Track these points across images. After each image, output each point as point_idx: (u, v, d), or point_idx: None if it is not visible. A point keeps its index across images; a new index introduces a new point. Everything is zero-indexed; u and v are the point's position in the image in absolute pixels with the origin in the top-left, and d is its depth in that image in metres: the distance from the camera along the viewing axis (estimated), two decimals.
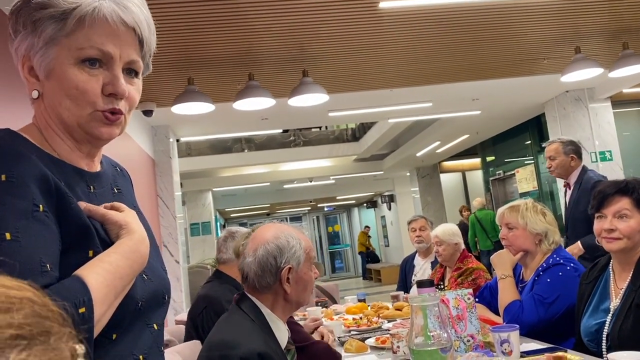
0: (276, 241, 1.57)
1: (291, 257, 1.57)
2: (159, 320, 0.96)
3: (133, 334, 0.89)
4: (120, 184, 1.06)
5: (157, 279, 0.96)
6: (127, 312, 0.86)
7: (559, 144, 3.72)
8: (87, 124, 0.91)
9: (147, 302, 0.91)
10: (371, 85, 5.25)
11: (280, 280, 1.56)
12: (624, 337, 1.79)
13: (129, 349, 0.88)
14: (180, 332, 2.71)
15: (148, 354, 0.91)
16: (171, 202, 5.95)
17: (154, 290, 0.94)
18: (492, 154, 10.07)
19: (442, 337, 1.84)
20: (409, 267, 4.16)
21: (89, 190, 0.95)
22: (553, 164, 3.70)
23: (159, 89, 4.65)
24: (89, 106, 0.89)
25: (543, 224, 2.42)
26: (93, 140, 0.94)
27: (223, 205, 15.17)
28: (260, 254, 1.55)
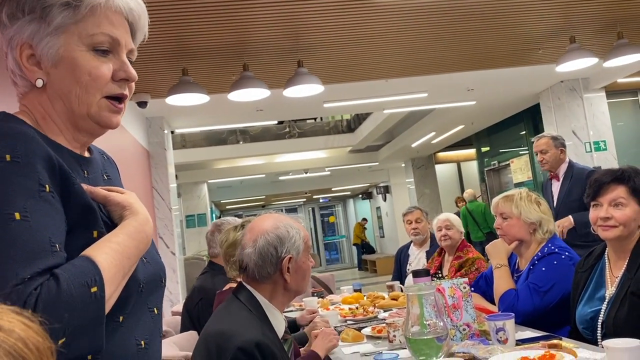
0: (276, 231, 1.58)
1: (291, 247, 1.58)
2: (158, 304, 0.97)
3: (136, 318, 0.89)
4: (109, 171, 1.07)
5: (154, 262, 0.97)
6: (132, 293, 0.87)
7: (549, 139, 3.90)
8: (97, 113, 0.92)
9: (147, 284, 0.92)
10: (366, 76, 5.23)
11: (281, 270, 1.56)
12: (619, 324, 1.81)
13: (132, 334, 0.88)
14: (177, 323, 2.72)
15: (149, 339, 0.92)
16: (166, 193, 5.94)
17: (152, 273, 0.95)
18: (487, 144, 10.08)
19: (438, 325, 1.85)
20: (403, 257, 4.17)
21: (84, 174, 0.95)
22: (545, 157, 3.88)
23: (153, 80, 4.62)
24: (99, 93, 0.91)
25: (537, 213, 2.44)
26: (99, 129, 0.95)
27: (218, 197, 15.16)
28: (261, 244, 1.55)
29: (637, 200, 1.90)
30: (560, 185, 3.84)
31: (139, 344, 0.89)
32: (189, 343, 2.09)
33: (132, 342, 0.88)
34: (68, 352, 0.72)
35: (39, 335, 0.58)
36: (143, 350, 0.89)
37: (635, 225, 1.90)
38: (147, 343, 0.90)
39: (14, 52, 0.89)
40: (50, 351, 0.59)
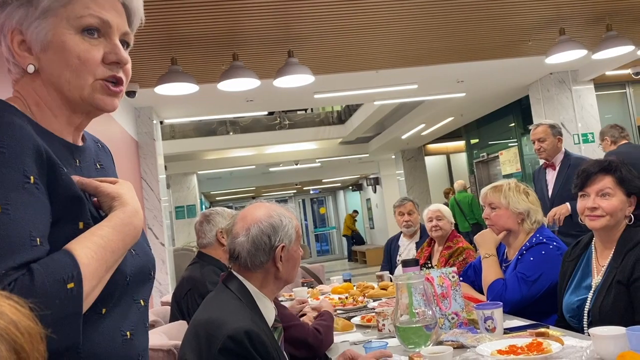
0: (270, 220, 1.57)
1: (284, 236, 1.58)
2: (145, 296, 0.96)
3: (121, 309, 0.89)
4: (102, 159, 1.05)
5: (143, 254, 0.96)
6: (117, 286, 0.86)
7: (547, 127, 3.86)
8: (90, 95, 0.90)
9: (134, 277, 0.91)
10: (357, 67, 5.22)
11: (274, 258, 1.56)
12: (605, 313, 1.83)
13: (117, 325, 0.88)
14: (166, 313, 2.71)
15: (135, 330, 0.91)
16: (155, 184, 5.91)
17: (141, 265, 0.94)
18: (476, 136, 10.13)
19: (427, 314, 1.86)
20: (393, 247, 4.19)
21: (75, 163, 0.94)
22: (543, 145, 3.83)
23: (142, 70, 4.58)
24: (90, 76, 0.89)
25: (525, 204, 2.46)
26: (95, 112, 0.94)
27: (208, 189, 15.11)
28: (254, 232, 1.55)
29: (623, 190, 1.93)
30: (556, 174, 3.82)
31: (124, 335, 0.88)
32: (178, 333, 2.09)
33: (117, 333, 0.87)
34: None
35: (29, 320, 0.58)
36: (128, 341, 0.89)
37: (622, 215, 1.92)
38: (133, 334, 0.90)
39: (6, 39, 0.88)
40: (40, 336, 0.59)
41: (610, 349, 1.46)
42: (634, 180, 1.94)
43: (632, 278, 1.80)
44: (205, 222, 2.72)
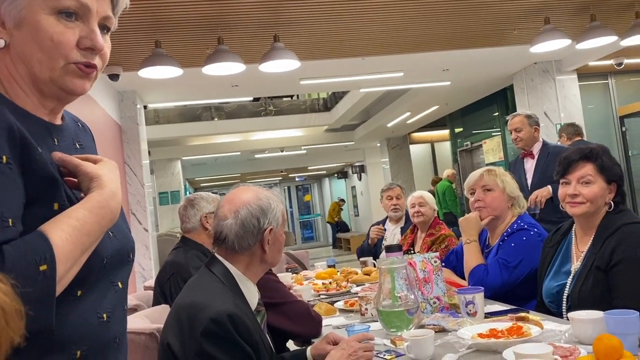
0: (259, 202, 1.57)
1: (273, 219, 1.58)
2: (123, 278, 0.94)
3: (98, 292, 0.87)
4: (82, 139, 1.02)
5: (122, 237, 0.94)
6: (93, 268, 0.85)
7: (523, 117, 3.92)
8: (60, 78, 0.87)
9: (112, 259, 0.89)
10: (343, 53, 5.20)
11: (262, 241, 1.56)
12: (584, 297, 1.86)
13: (93, 307, 0.86)
14: (149, 298, 2.70)
15: (112, 312, 0.90)
16: (139, 169, 5.85)
17: (119, 248, 0.92)
18: (461, 125, 10.18)
19: (409, 298, 1.88)
20: None
21: (54, 143, 0.91)
22: (520, 135, 3.90)
23: (125, 52, 4.51)
24: (62, 59, 0.86)
25: (517, 190, 2.51)
26: (65, 95, 0.91)
27: (193, 175, 15.01)
28: (243, 214, 1.54)
29: (604, 177, 1.95)
30: (535, 163, 3.88)
31: (100, 317, 0.87)
32: (161, 316, 2.08)
33: (93, 315, 0.86)
34: None
35: (6, 296, 0.57)
36: (105, 323, 0.87)
37: (602, 201, 1.95)
38: (110, 316, 0.89)
39: None
40: (18, 313, 0.58)
41: (589, 333, 1.49)
42: (614, 168, 1.97)
43: (610, 264, 1.83)
44: (189, 207, 2.70)
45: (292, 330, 1.99)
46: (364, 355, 1.56)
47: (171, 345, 1.42)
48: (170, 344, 1.43)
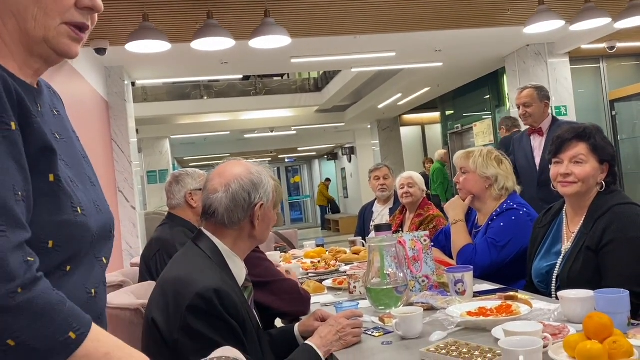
0: (250, 176, 1.53)
1: (264, 194, 1.54)
2: (106, 254, 0.93)
3: (85, 267, 0.85)
4: (57, 106, 0.99)
5: (106, 211, 0.92)
6: (84, 243, 0.83)
7: (533, 90, 3.62)
8: (55, 38, 0.83)
9: (99, 234, 0.87)
10: (335, 31, 5.12)
11: (251, 216, 1.52)
12: (573, 278, 1.86)
13: (82, 282, 0.84)
14: (135, 274, 2.67)
15: (98, 288, 0.88)
16: (126, 146, 5.77)
17: (104, 222, 0.90)
18: (452, 107, 10.16)
19: (398, 277, 1.87)
20: (367, 213, 4.20)
21: (38, 108, 0.86)
22: (529, 110, 3.58)
23: (112, 26, 4.40)
24: (59, 17, 0.82)
25: (494, 169, 2.47)
26: (55, 57, 0.87)
27: (181, 154, 14.90)
28: (235, 188, 1.50)
29: (596, 157, 1.93)
30: (545, 140, 3.58)
31: (89, 292, 0.86)
32: (147, 292, 2.05)
33: (82, 291, 0.85)
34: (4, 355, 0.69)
35: None
36: (92, 299, 0.86)
37: (594, 182, 1.94)
38: (97, 292, 0.87)
39: None
40: None
41: (578, 311, 1.48)
42: (607, 148, 1.95)
43: (600, 244, 1.82)
44: (174, 183, 2.66)
45: (280, 308, 1.97)
46: (352, 332, 1.55)
47: (156, 321, 1.39)
48: (155, 319, 1.40)
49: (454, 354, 1.32)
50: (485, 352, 1.30)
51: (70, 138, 0.94)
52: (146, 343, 1.45)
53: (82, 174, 0.90)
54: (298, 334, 1.71)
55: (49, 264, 0.77)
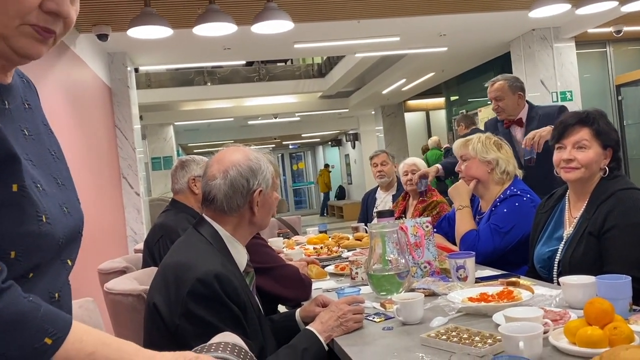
0: (249, 163, 1.53)
1: (262, 180, 1.54)
2: (72, 255, 0.90)
3: (50, 272, 0.83)
4: (30, 98, 0.93)
5: (75, 212, 0.89)
6: (48, 253, 0.80)
7: (504, 82, 3.37)
8: (14, 38, 0.78)
9: (66, 238, 0.84)
10: (338, 15, 5.08)
11: (251, 202, 1.52)
12: (575, 263, 1.85)
13: (45, 288, 0.82)
14: (138, 260, 2.68)
15: (62, 290, 0.87)
16: (130, 133, 5.76)
17: (73, 225, 0.87)
18: (456, 93, 10.09)
19: (400, 262, 1.87)
20: (370, 200, 4.20)
21: (4, 106, 0.82)
22: (501, 104, 3.34)
23: (114, 11, 4.37)
24: (18, 18, 0.76)
25: (494, 153, 2.47)
26: (16, 57, 0.81)
27: (185, 140, 14.90)
28: (233, 175, 1.50)
29: (600, 142, 1.92)
30: (525, 130, 3.33)
31: (52, 296, 0.84)
32: (149, 278, 2.06)
33: (46, 295, 0.82)
34: None
35: None
36: (56, 302, 0.84)
37: (597, 167, 1.92)
38: (60, 294, 0.86)
39: None
40: None
41: (579, 297, 1.48)
42: (610, 133, 1.94)
43: (603, 229, 1.82)
44: (179, 168, 2.68)
45: (281, 294, 1.98)
46: (353, 318, 1.55)
47: (157, 306, 1.40)
48: (156, 304, 1.40)
49: (455, 340, 1.32)
50: (486, 338, 1.31)
51: (39, 134, 0.89)
52: (148, 328, 1.45)
53: (48, 174, 0.86)
54: (299, 320, 1.72)
55: (10, 273, 0.75)
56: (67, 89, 4.13)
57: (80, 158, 4.31)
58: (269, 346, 1.53)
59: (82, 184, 4.25)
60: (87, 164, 4.47)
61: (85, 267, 3.87)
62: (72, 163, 3.69)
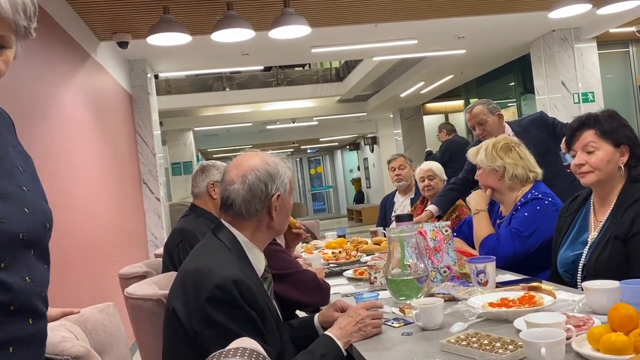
0: (267, 167, 1.53)
1: (280, 185, 1.54)
2: (41, 244, 1.05)
3: (21, 260, 0.99)
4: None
5: (37, 211, 1.04)
6: (8, 246, 0.96)
7: (481, 106, 3.37)
8: None
9: (29, 233, 1.00)
10: (356, 19, 5.08)
11: (269, 207, 1.53)
12: (600, 268, 1.81)
13: (19, 273, 0.97)
14: (158, 265, 2.70)
15: (33, 273, 1.01)
16: (150, 139, 5.83)
17: (36, 221, 1.03)
18: (476, 95, 10.01)
19: (419, 267, 1.85)
20: (389, 204, 4.18)
21: None
22: (485, 127, 3.33)
23: (134, 19, 4.43)
24: None
25: (500, 161, 2.42)
26: None
27: (205, 145, 15.02)
28: (251, 179, 1.51)
29: (610, 141, 1.88)
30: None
31: (24, 279, 0.98)
32: (169, 283, 2.07)
33: (20, 279, 0.97)
34: None
35: None
36: (30, 283, 0.99)
37: (613, 167, 1.88)
38: (32, 276, 1.00)
39: None
40: None
41: (603, 302, 1.45)
42: (619, 130, 1.89)
43: (630, 233, 1.78)
44: (200, 172, 2.72)
45: (299, 300, 1.97)
46: (372, 323, 1.54)
47: (176, 311, 1.40)
48: (175, 309, 1.41)
49: (475, 346, 1.30)
50: (507, 344, 1.29)
51: (7, 154, 1.07)
52: (167, 333, 1.46)
53: (14, 184, 1.04)
54: (318, 325, 1.72)
55: None
56: (89, 96, 4.20)
57: (103, 164, 4.38)
58: (287, 352, 1.52)
59: (104, 190, 4.32)
60: (109, 170, 4.53)
61: (107, 272, 3.92)
62: (95, 169, 3.78)
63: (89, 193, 3.89)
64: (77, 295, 3.30)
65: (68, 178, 3.45)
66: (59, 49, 3.63)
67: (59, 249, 3.00)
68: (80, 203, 3.62)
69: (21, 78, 2.83)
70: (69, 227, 3.32)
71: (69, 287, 3.17)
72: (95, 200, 4.03)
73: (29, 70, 2.97)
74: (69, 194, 3.42)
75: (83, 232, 3.60)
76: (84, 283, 3.49)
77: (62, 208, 3.22)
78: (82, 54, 4.18)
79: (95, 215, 3.95)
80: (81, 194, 3.68)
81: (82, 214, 3.62)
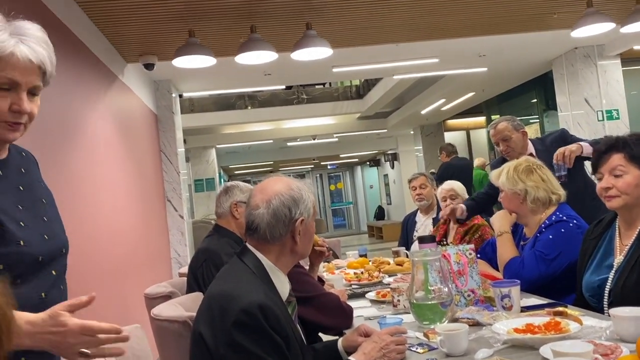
0: (291, 193, 1.56)
1: (304, 209, 1.57)
2: (57, 267, 1.23)
3: (36, 279, 1.15)
4: (25, 166, 1.29)
5: (56, 239, 1.23)
6: (28, 266, 1.13)
7: (506, 123, 3.36)
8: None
9: (47, 256, 1.17)
10: (377, 40, 5.12)
11: (293, 231, 1.55)
12: (627, 293, 1.79)
13: (34, 290, 1.14)
14: (183, 284, 2.74)
15: (48, 292, 1.17)
16: (174, 157, 5.93)
17: (53, 247, 1.21)
18: (497, 112, 9.95)
19: (443, 291, 1.85)
20: (410, 224, 4.16)
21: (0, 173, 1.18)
22: (510, 144, 3.32)
23: (160, 42, 4.55)
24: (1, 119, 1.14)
25: (522, 184, 2.40)
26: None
27: (227, 162, 15.18)
28: (275, 204, 1.54)
29: (637, 165, 1.86)
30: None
31: (39, 296, 1.15)
32: (194, 304, 2.10)
33: (35, 295, 1.14)
34: None
35: None
36: (44, 299, 1.15)
37: None
38: (47, 294, 1.16)
39: None
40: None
41: (631, 330, 1.44)
42: None
43: None
44: (224, 193, 2.77)
45: (323, 323, 1.98)
46: (396, 349, 1.54)
47: (203, 335, 1.43)
48: (202, 333, 1.43)
49: None
50: None
51: (32, 189, 1.26)
52: (194, 356, 1.49)
53: (37, 214, 1.22)
54: (342, 349, 1.72)
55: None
56: (116, 116, 4.30)
57: (130, 184, 4.46)
58: None
59: (131, 209, 4.40)
60: (135, 190, 4.62)
61: (133, 290, 3.97)
62: (122, 189, 3.87)
63: (116, 213, 3.96)
64: (104, 315, 3.35)
65: (95, 198, 3.53)
66: (87, 72, 3.74)
67: (86, 269, 3.06)
68: (107, 222, 3.69)
69: (52, 101, 2.92)
70: (97, 247, 3.38)
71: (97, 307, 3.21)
72: (122, 219, 4.10)
73: (59, 93, 3.06)
74: (97, 213, 3.50)
75: (110, 252, 3.67)
76: (111, 302, 3.55)
77: (90, 228, 3.29)
78: (109, 76, 4.30)
79: (122, 234, 4.02)
80: (108, 213, 3.75)
81: (109, 234, 3.69)
